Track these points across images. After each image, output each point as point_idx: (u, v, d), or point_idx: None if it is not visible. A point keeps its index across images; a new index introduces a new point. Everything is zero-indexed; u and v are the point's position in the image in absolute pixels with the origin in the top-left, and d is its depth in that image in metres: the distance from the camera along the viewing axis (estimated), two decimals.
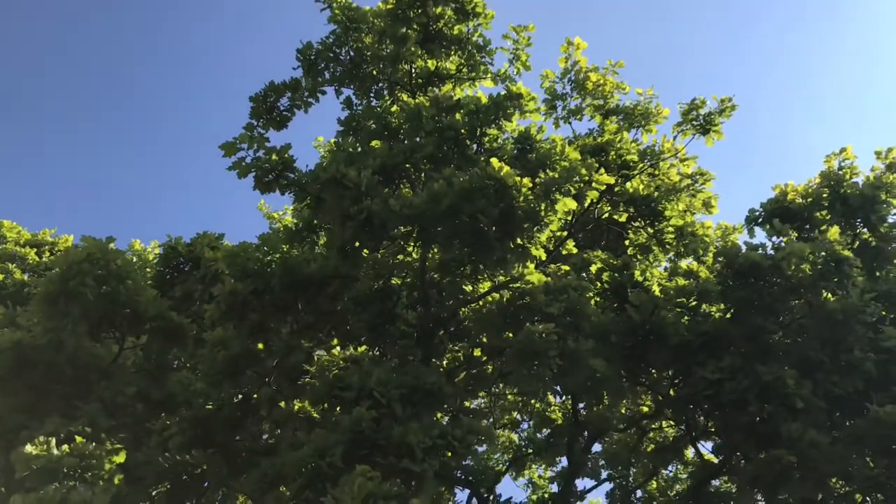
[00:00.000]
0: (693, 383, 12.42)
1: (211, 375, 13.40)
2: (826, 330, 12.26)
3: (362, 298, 14.23)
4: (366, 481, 9.62)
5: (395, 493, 9.84)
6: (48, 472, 10.67)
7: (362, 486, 9.54)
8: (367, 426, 11.09)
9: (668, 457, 18.05)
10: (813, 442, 11.43)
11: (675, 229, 14.70)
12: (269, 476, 11.67)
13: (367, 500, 9.40)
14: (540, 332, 11.50)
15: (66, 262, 10.78)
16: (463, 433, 11.63)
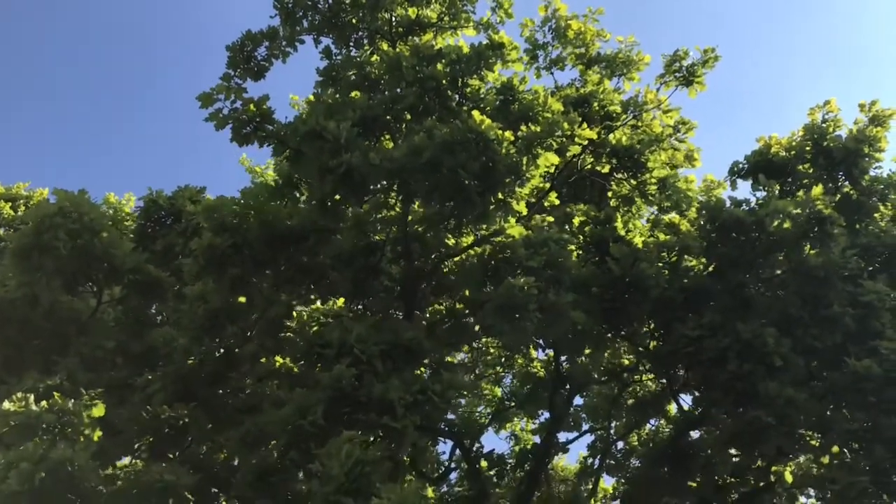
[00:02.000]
0: (673, 340, 12.45)
1: (191, 330, 13.32)
2: (807, 286, 12.30)
3: (344, 254, 14.13)
4: (353, 448, 9.62)
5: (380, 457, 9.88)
6: (27, 428, 10.61)
7: (350, 452, 9.54)
8: (348, 383, 11.08)
9: (648, 410, 18.24)
10: (791, 399, 11.54)
11: (657, 181, 14.61)
12: (251, 435, 11.70)
13: (354, 466, 9.41)
14: (520, 286, 11.45)
15: (38, 216, 10.57)
16: (443, 388, 11.65)
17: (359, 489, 9.00)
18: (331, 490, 8.99)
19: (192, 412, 12.51)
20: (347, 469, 9.15)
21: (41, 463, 9.98)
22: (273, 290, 13.43)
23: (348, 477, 9.07)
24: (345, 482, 9.03)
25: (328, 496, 8.98)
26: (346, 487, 9.02)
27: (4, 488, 9.24)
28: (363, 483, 9.06)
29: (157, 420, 12.33)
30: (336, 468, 9.14)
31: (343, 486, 9.01)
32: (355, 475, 9.12)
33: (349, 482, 9.05)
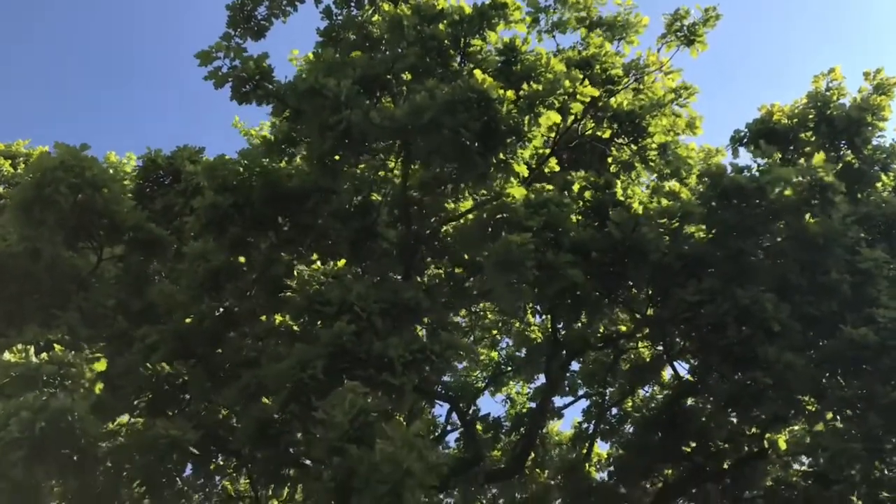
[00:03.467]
0: (672, 305, 12.50)
1: (191, 288, 13.37)
2: (806, 253, 12.32)
3: (343, 214, 14.14)
4: (356, 397, 9.72)
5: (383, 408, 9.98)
6: (27, 379, 10.68)
7: (353, 401, 9.63)
8: (348, 340, 11.15)
9: (644, 376, 18.39)
10: (789, 364, 11.60)
11: (658, 146, 14.58)
12: (250, 388, 11.79)
13: (358, 415, 9.51)
14: (518, 241, 11.48)
15: (39, 169, 10.54)
16: (442, 348, 11.74)
17: (362, 437, 9.11)
18: (335, 437, 9.09)
19: (191, 370, 12.58)
20: (351, 417, 9.25)
21: (41, 412, 10.05)
22: (273, 249, 13.46)
23: (352, 424, 9.17)
24: (349, 429, 9.13)
25: (332, 442, 9.09)
26: (350, 435, 9.12)
27: (5, 435, 9.33)
28: (366, 431, 9.17)
29: (157, 377, 12.40)
30: (340, 416, 9.23)
31: (347, 434, 9.12)
32: (359, 423, 9.23)
33: (353, 430, 9.15)
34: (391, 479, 8.44)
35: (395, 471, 8.53)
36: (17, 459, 9.96)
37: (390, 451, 8.54)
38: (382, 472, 8.45)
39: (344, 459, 8.91)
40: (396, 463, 8.54)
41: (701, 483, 16.74)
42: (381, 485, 8.39)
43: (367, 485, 8.48)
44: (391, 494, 8.54)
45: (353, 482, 8.69)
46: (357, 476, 8.65)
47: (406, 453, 8.61)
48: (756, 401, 11.68)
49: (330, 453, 9.11)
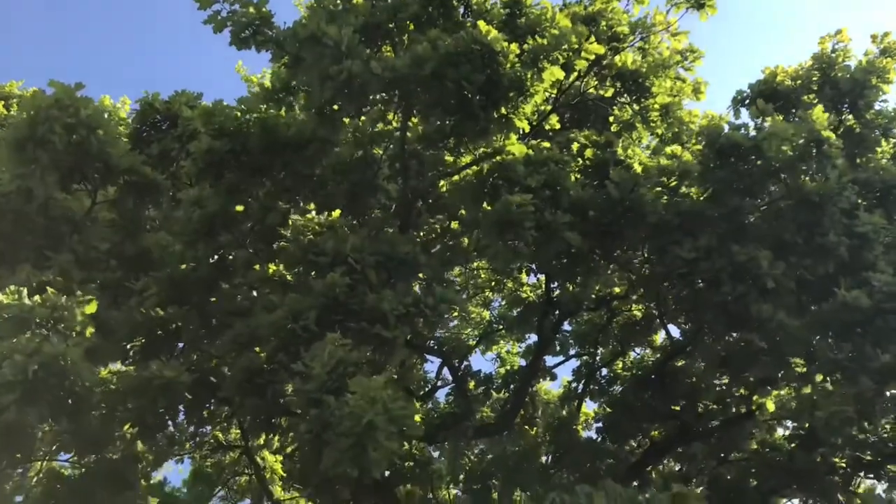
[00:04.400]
0: (668, 262, 12.49)
1: (186, 235, 13.29)
2: (802, 213, 12.27)
3: (341, 166, 14.02)
4: (336, 349, 9.73)
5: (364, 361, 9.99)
6: (20, 321, 10.63)
7: (332, 353, 9.65)
8: (341, 291, 11.13)
9: (636, 335, 18.49)
10: (781, 324, 11.64)
11: (661, 107, 14.45)
12: (242, 337, 11.78)
13: (336, 366, 9.52)
14: (517, 202, 11.42)
15: (33, 107, 10.35)
16: (435, 302, 11.73)
17: (339, 388, 9.15)
18: (313, 388, 9.13)
19: (185, 316, 12.54)
20: (329, 369, 9.28)
21: (34, 356, 10.04)
22: (269, 198, 13.35)
23: (330, 376, 9.20)
24: (326, 381, 9.16)
25: (310, 393, 9.12)
26: (327, 386, 9.16)
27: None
28: (344, 383, 9.20)
29: (150, 322, 12.37)
30: (318, 367, 9.27)
31: (324, 385, 9.16)
32: (336, 375, 9.26)
33: (331, 381, 9.19)
34: (353, 432, 8.51)
35: (356, 424, 8.61)
36: (9, 402, 9.98)
37: (355, 402, 8.59)
38: (346, 425, 8.49)
39: (321, 411, 8.96)
40: (358, 417, 8.60)
41: (687, 442, 16.98)
42: (344, 438, 8.45)
43: (337, 438, 8.54)
44: (356, 448, 8.62)
45: (327, 435, 8.76)
46: (329, 428, 8.72)
47: (369, 406, 8.67)
48: (747, 362, 11.74)
49: (308, 405, 9.16)
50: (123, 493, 13.58)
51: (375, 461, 8.54)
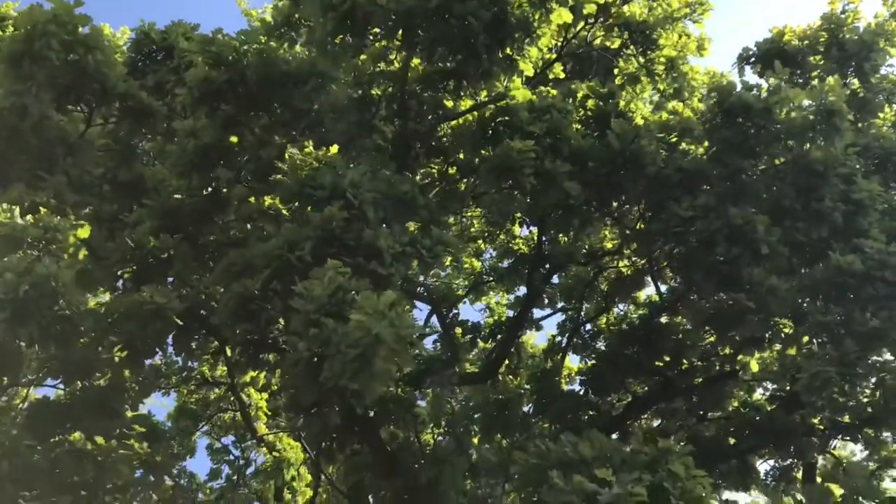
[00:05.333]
0: (664, 219, 12.50)
1: (180, 165, 13.13)
2: (804, 179, 12.28)
3: (340, 105, 13.84)
4: (336, 275, 9.70)
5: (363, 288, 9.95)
6: (12, 241, 10.59)
7: (332, 279, 9.62)
8: (338, 225, 11.05)
9: (624, 290, 18.60)
10: (772, 288, 11.72)
11: (666, 60, 14.32)
12: (236, 266, 11.69)
13: (336, 292, 9.51)
14: (518, 148, 11.34)
15: (30, 22, 10.10)
16: (432, 243, 11.69)
17: (339, 312, 9.14)
18: (312, 309, 9.11)
19: (177, 245, 12.46)
20: (330, 292, 9.26)
21: (26, 275, 10.01)
22: (266, 131, 13.18)
23: (330, 299, 9.19)
24: (326, 303, 9.15)
25: (310, 314, 9.11)
26: (327, 309, 9.15)
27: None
28: (344, 307, 9.20)
29: (141, 250, 12.28)
30: (319, 290, 9.24)
31: (324, 307, 9.14)
32: (337, 299, 9.25)
33: (331, 304, 9.18)
34: (361, 343, 8.51)
35: (366, 336, 8.59)
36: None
37: (362, 319, 8.59)
38: (353, 337, 8.50)
39: (320, 331, 8.96)
40: (367, 329, 8.60)
41: (669, 399, 17.20)
42: (351, 349, 8.47)
43: (339, 352, 8.54)
44: (361, 359, 8.63)
45: (326, 352, 8.77)
46: (330, 345, 8.72)
47: (377, 321, 8.70)
48: (735, 321, 11.83)
49: (307, 325, 9.15)
50: (110, 420, 13.65)
51: (378, 375, 8.58)
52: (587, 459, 9.67)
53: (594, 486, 8.84)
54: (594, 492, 8.80)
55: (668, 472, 8.92)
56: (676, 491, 8.67)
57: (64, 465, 11.76)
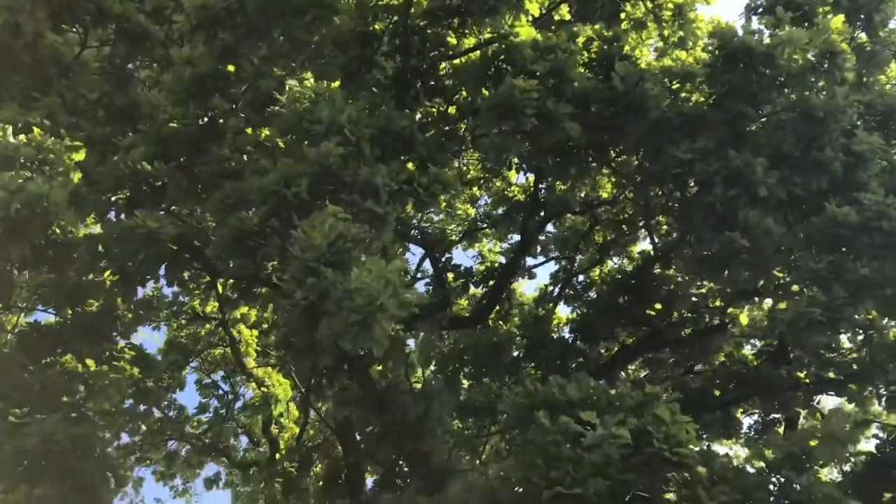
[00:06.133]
0: (663, 161, 12.42)
1: (176, 93, 12.91)
2: (804, 126, 12.17)
3: (341, 38, 13.59)
4: (337, 222, 9.61)
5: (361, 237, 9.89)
6: (5, 160, 10.42)
7: (333, 226, 9.53)
8: (335, 161, 10.93)
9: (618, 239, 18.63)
10: (767, 230, 11.68)
11: (675, 6, 14.10)
12: (231, 198, 11.59)
13: (336, 240, 9.43)
14: (521, 87, 11.18)
15: None
16: (429, 181, 11.61)
17: (338, 261, 9.08)
18: (311, 257, 9.05)
19: (171, 174, 12.31)
20: (330, 241, 9.19)
21: (18, 193, 9.88)
22: (264, 62, 12.93)
23: (330, 248, 9.13)
24: (326, 252, 9.09)
25: (308, 262, 9.06)
26: (326, 258, 9.09)
27: None
28: (343, 257, 9.14)
29: (135, 176, 12.11)
30: (318, 238, 9.17)
31: (323, 256, 9.08)
32: (337, 248, 9.18)
33: (330, 253, 9.12)
34: (363, 310, 8.49)
35: (369, 302, 8.58)
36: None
37: (366, 281, 8.54)
38: (355, 301, 8.47)
39: (318, 281, 8.91)
40: (370, 295, 8.57)
41: (657, 349, 17.37)
42: (352, 314, 8.44)
43: (339, 311, 8.51)
44: (361, 324, 8.63)
45: (325, 305, 8.73)
46: (329, 299, 8.68)
47: (382, 287, 8.66)
48: (729, 263, 11.84)
49: (305, 273, 9.10)
50: (101, 345, 13.70)
51: (378, 340, 8.58)
52: (574, 401, 9.77)
53: (579, 428, 8.96)
54: (579, 433, 8.92)
55: (653, 416, 9.00)
56: (660, 435, 8.75)
57: (55, 385, 11.84)
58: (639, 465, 8.51)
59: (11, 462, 9.88)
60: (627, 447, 8.49)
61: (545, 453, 8.85)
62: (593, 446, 8.56)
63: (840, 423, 10.06)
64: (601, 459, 8.42)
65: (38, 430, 9.97)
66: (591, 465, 8.41)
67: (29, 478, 9.68)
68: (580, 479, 8.34)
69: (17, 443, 9.81)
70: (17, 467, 9.92)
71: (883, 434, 13.93)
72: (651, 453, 8.47)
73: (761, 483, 9.48)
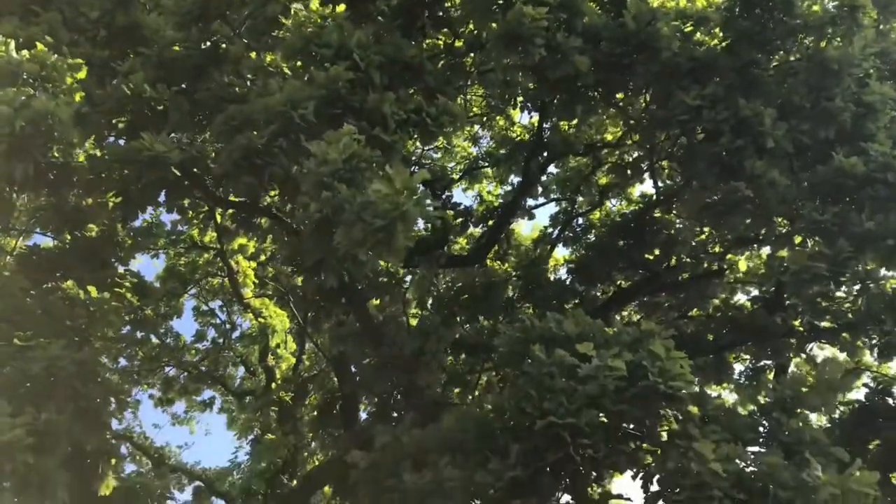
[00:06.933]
0: (671, 106, 12.29)
1: (179, 16, 12.70)
2: (816, 76, 12.03)
3: None
4: (352, 142, 9.52)
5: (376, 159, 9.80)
6: (8, 74, 10.27)
7: (348, 145, 9.44)
8: (343, 86, 10.78)
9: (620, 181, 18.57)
10: (772, 181, 11.64)
11: None
12: (235, 120, 11.44)
13: (350, 158, 9.35)
14: (531, 15, 10.96)
15: None
16: (438, 112, 11.49)
17: (352, 179, 9.02)
18: (326, 171, 8.97)
19: (173, 98, 12.15)
20: (345, 157, 9.11)
21: (22, 110, 9.77)
22: None
23: (345, 165, 9.05)
24: (340, 168, 9.02)
25: (322, 177, 8.98)
26: (340, 175, 9.02)
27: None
28: (357, 175, 9.08)
29: (137, 99, 11.95)
30: (334, 154, 9.08)
31: (338, 172, 9.02)
32: (351, 166, 9.12)
33: (345, 170, 9.05)
34: (388, 216, 8.42)
35: (394, 210, 8.49)
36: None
37: (388, 191, 8.48)
38: (379, 207, 8.40)
39: (332, 196, 8.86)
40: (396, 204, 8.49)
41: (654, 293, 17.45)
42: (376, 219, 8.39)
43: (358, 219, 8.45)
44: (384, 231, 8.56)
45: (341, 217, 8.68)
46: (345, 212, 8.63)
47: (407, 197, 8.58)
48: (731, 211, 11.83)
49: (319, 187, 9.03)
50: (101, 271, 13.72)
51: (398, 250, 8.57)
52: (570, 336, 9.85)
53: (575, 361, 9.05)
54: (574, 365, 9.02)
55: (648, 351, 9.09)
56: (655, 369, 8.85)
57: (57, 310, 11.88)
58: (633, 399, 8.62)
59: (17, 385, 9.97)
60: (622, 380, 8.59)
61: (539, 385, 8.95)
62: (588, 378, 8.66)
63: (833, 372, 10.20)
64: (595, 391, 8.53)
65: (43, 355, 10.02)
66: (585, 397, 8.52)
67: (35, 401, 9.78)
68: (573, 410, 8.45)
69: (22, 366, 9.88)
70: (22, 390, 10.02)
71: (873, 384, 14.13)
72: (645, 386, 8.58)
73: (752, 425, 9.65)
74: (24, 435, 8.65)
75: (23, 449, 8.66)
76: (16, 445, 8.57)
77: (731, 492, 8.02)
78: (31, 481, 9.06)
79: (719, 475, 8.05)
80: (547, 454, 8.62)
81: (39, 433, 9.09)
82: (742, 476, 8.29)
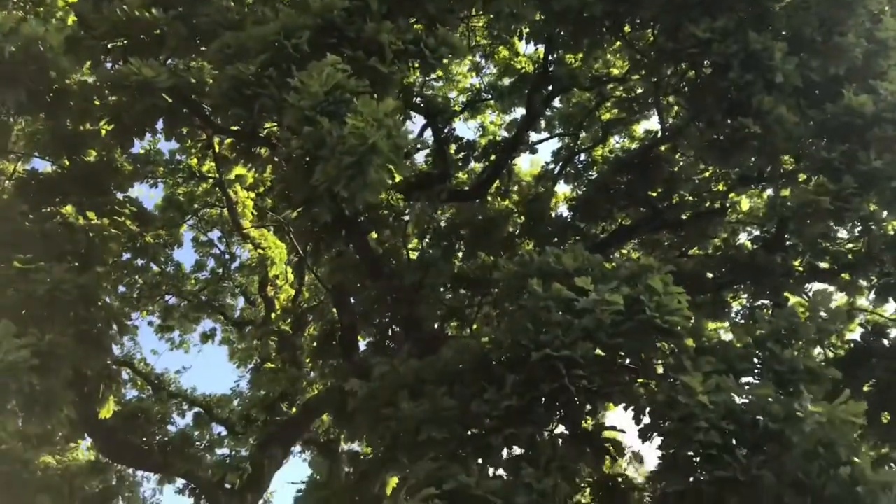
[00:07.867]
0: (680, 39, 11.98)
1: None
2: (829, 9, 11.69)
3: None
4: (335, 72, 9.32)
5: (360, 89, 9.61)
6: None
7: (331, 75, 9.24)
8: (339, 15, 10.51)
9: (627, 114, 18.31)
10: (780, 118, 11.40)
11: None
12: (230, 48, 11.20)
13: (333, 90, 9.17)
14: None
15: None
16: (437, 43, 11.21)
17: (335, 112, 8.86)
18: (308, 105, 8.82)
19: (170, 22, 11.86)
20: (327, 90, 8.94)
21: (12, 35, 9.56)
22: None
23: (327, 97, 8.89)
24: (323, 101, 8.86)
25: (304, 111, 8.83)
26: (323, 107, 8.87)
27: None
28: (341, 108, 8.91)
29: (133, 23, 11.66)
30: (316, 86, 8.91)
31: (320, 105, 8.86)
32: (334, 98, 8.95)
33: (327, 103, 8.89)
34: (357, 151, 8.34)
35: (362, 144, 8.42)
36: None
37: (359, 125, 8.35)
38: (348, 143, 8.30)
39: (314, 130, 8.72)
40: (363, 137, 8.40)
41: (655, 230, 17.39)
42: (346, 156, 8.29)
43: (333, 155, 8.35)
44: (355, 166, 8.50)
45: (321, 152, 8.57)
46: (325, 146, 8.51)
47: (374, 130, 8.47)
48: (737, 147, 11.64)
49: (301, 122, 8.89)
50: (100, 197, 13.65)
51: (371, 185, 8.48)
52: (569, 270, 9.82)
53: (572, 295, 9.03)
54: (571, 299, 9.01)
55: (646, 286, 9.06)
56: (652, 303, 8.83)
57: (57, 234, 11.85)
58: (629, 332, 8.62)
59: (19, 307, 10.00)
60: (619, 314, 8.59)
61: (536, 318, 8.96)
62: (585, 311, 8.64)
63: (825, 303, 10.18)
64: (592, 324, 8.52)
65: (45, 278, 10.03)
66: (581, 330, 8.52)
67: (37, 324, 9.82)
68: (569, 343, 8.47)
69: (25, 288, 9.90)
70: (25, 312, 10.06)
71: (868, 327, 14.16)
72: (642, 320, 8.56)
73: (746, 355, 9.65)
74: (28, 355, 8.70)
75: (28, 370, 8.72)
76: (21, 366, 8.62)
77: (720, 423, 8.06)
78: (37, 400, 9.17)
79: (707, 406, 8.08)
80: (542, 385, 8.67)
81: (43, 354, 9.15)
82: (732, 407, 8.33)
